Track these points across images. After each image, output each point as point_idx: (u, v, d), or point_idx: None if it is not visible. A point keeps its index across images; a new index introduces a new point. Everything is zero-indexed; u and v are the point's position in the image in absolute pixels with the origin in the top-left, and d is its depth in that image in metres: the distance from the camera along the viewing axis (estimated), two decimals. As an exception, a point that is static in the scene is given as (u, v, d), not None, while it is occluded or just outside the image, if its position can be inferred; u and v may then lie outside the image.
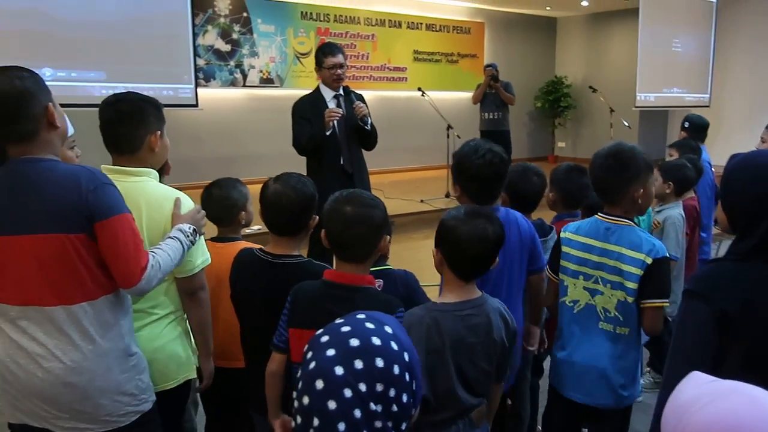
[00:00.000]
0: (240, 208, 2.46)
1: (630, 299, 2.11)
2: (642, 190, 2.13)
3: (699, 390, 0.86)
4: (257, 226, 5.23)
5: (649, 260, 2.08)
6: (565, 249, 2.26)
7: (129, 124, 1.99)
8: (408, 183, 9.18)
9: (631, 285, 2.10)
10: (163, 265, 1.80)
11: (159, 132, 2.05)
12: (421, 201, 7.63)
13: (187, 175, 6.07)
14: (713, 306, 1.43)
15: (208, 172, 4.31)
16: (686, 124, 4.75)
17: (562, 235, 2.29)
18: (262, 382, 2.00)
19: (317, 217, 2.04)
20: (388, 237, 1.88)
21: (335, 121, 4.07)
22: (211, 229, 2.40)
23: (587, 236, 2.20)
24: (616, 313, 2.14)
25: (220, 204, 2.44)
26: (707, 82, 10.53)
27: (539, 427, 2.83)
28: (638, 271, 2.08)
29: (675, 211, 3.37)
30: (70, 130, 2.36)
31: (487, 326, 1.83)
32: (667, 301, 2.12)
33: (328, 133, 4.05)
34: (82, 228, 1.67)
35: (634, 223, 2.19)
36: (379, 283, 2.12)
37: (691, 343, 1.48)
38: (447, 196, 7.80)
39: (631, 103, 9.98)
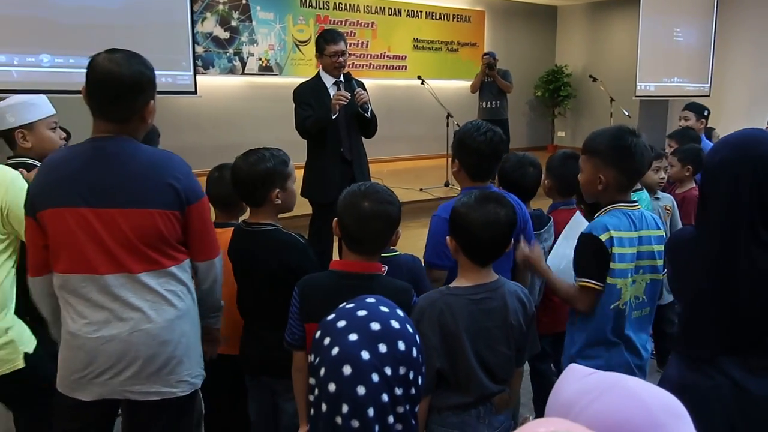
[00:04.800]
0: None
1: (660, 275, 2.12)
2: None
3: (579, 385, 0.86)
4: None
5: (665, 233, 2.15)
6: (617, 250, 2.02)
7: None
8: (407, 172, 9.15)
9: (660, 262, 2.11)
10: None
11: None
12: (420, 190, 7.62)
13: (187, 161, 6.03)
14: None
15: (207, 159, 4.29)
16: (706, 113, 4.72)
17: (609, 236, 2.02)
18: (249, 340, 2.22)
19: (280, 189, 2.13)
20: (399, 231, 1.90)
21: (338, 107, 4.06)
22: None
23: (628, 230, 2.08)
24: (644, 297, 2.12)
25: (230, 187, 2.38)
26: (708, 72, 10.48)
27: (529, 417, 2.75)
28: (662, 247, 2.10)
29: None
30: (51, 111, 2.44)
31: (503, 310, 1.83)
32: None
33: (334, 117, 4.03)
34: None
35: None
36: (384, 269, 2.14)
37: None
38: (446, 185, 7.79)
39: (631, 92, 9.93)
